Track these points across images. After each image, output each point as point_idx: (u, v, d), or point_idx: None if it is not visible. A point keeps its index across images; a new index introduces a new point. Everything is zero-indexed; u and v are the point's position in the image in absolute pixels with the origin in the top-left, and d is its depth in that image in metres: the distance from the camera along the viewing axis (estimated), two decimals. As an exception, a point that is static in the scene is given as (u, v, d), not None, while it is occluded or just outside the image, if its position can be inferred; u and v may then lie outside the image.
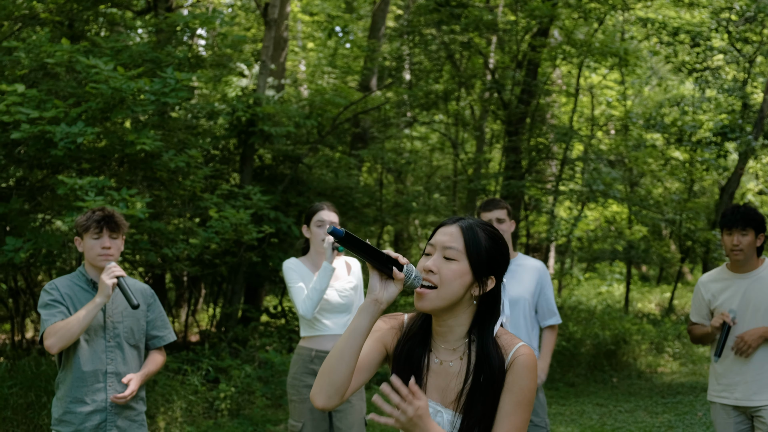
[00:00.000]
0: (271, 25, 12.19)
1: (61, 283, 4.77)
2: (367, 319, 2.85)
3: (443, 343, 3.00)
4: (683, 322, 16.45)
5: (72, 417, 4.67)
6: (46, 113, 7.42)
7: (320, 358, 5.59)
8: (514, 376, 2.90)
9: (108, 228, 4.74)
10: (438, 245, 2.95)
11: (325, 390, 2.86)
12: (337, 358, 2.85)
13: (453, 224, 2.98)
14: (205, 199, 9.76)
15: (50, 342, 4.53)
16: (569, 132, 14.62)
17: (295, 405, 5.61)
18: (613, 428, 9.66)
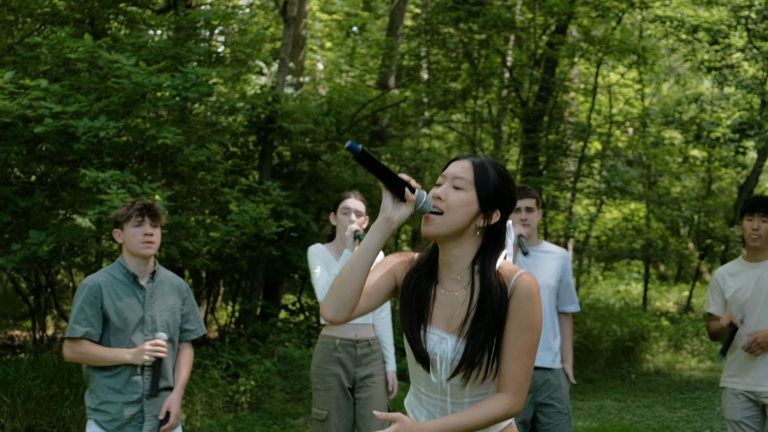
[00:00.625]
0: (290, 23, 12.24)
1: (101, 279, 4.83)
2: (378, 236, 2.97)
3: (449, 273, 3.09)
4: (702, 320, 16.43)
5: (109, 407, 4.76)
6: (69, 108, 7.49)
7: (344, 345, 5.63)
8: (517, 301, 2.99)
9: (149, 216, 4.85)
10: (449, 176, 3.06)
11: (335, 302, 2.97)
12: (347, 272, 2.96)
13: (465, 159, 3.09)
14: (225, 194, 9.82)
15: (69, 354, 4.72)
16: (587, 129, 14.61)
17: (319, 393, 5.63)
18: (631, 423, 9.67)
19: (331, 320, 2.97)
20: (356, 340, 5.66)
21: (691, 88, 20.10)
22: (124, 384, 4.77)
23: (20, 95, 7.67)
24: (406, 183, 2.95)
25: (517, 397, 2.95)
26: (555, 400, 5.68)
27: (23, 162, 8.84)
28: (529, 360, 2.96)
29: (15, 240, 8.27)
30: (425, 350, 3.06)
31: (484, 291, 3.00)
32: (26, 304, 12.38)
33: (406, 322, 3.10)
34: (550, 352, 5.74)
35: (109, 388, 4.76)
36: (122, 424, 4.78)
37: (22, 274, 11.07)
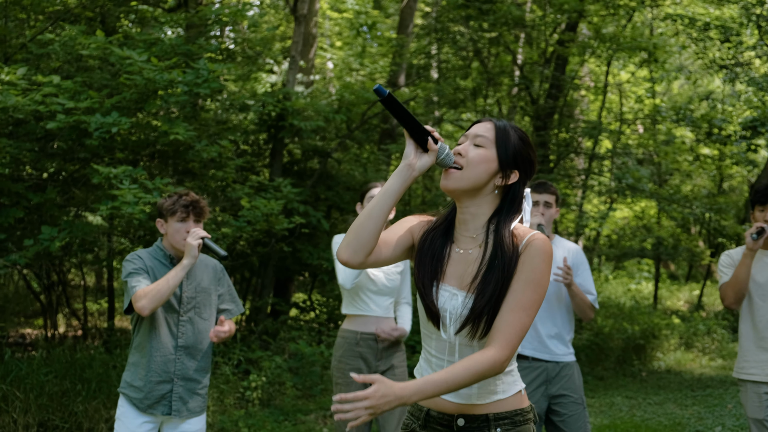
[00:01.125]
0: (300, 21, 12.26)
1: (143, 255, 4.92)
2: (398, 182, 3.01)
3: (465, 231, 3.14)
4: (713, 318, 16.39)
5: (142, 384, 4.84)
6: (81, 104, 7.52)
7: (365, 340, 5.62)
8: (526, 257, 3.00)
9: (194, 213, 4.89)
10: (470, 135, 3.12)
11: (351, 245, 3.02)
12: (366, 215, 3.01)
13: (488, 120, 3.15)
14: (237, 190, 9.84)
15: (142, 304, 4.65)
16: (598, 126, 14.60)
17: (340, 388, 5.61)
18: (642, 419, 9.66)
19: (346, 261, 3.02)
20: (377, 335, 5.65)
21: (703, 86, 20.06)
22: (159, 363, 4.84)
23: (33, 91, 7.70)
24: (430, 133, 3.00)
25: (503, 349, 2.89)
26: (569, 390, 5.64)
27: (35, 159, 8.87)
28: (526, 317, 2.95)
29: (27, 236, 8.30)
30: (436, 306, 3.08)
31: (495, 247, 3.03)
32: (38, 303, 12.41)
33: (419, 279, 3.13)
34: (563, 345, 5.71)
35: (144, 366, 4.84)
36: (152, 403, 4.84)
37: (33, 271, 11.10)
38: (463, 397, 3.10)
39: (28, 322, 13.75)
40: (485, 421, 3.09)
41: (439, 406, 3.14)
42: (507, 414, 3.10)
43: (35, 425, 7.72)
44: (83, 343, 10.26)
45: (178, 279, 4.72)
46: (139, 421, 4.85)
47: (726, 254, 5.70)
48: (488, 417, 3.09)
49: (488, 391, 3.10)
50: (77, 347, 9.08)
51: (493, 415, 3.09)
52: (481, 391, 3.09)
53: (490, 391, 3.10)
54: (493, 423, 3.09)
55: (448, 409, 3.12)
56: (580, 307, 5.71)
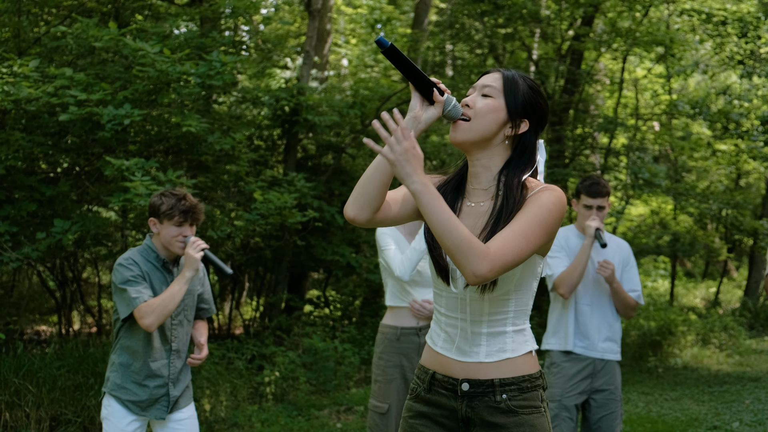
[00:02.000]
0: (314, 16, 12.22)
1: (138, 259, 4.81)
2: None
3: (476, 185, 3.07)
4: (730, 315, 16.28)
5: (136, 388, 4.78)
6: (93, 96, 7.49)
7: (406, 335, 5.46)
8: (533, 197, 2.93)
9: (192, 218, 4.80)
10: (478, 86, 3.06)
11: (358, 201, 2.96)
12: (372, 170, 2.95)
13: (495, 71, 3.09)
14: (250, 183, 9.81)
15: (150, 321, 4.59)
16: (614, 122, 14.51)
17: (380, 386, 5.45)
18: (659, 415, 9.58)
19: (353, 218, 2.96)
20: (419, 328, 5.47)
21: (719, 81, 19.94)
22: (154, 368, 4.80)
23: (45, 84, 7.69)
24: (435, 85, 2.94)
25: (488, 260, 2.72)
26: (611, 385, 5.68)
27: (49, 153, 8.86)
28: (524, 243, 2.80)
29: (40, 229, 8.28)
30: (445, 260, 3.02)
31: (504, 198, 2.96)
32: (53, 299, 12.40)
33: (428, 234, 3.07)
34: (614, 344, 5.73)
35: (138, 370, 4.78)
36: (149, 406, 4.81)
37: (47, 267, 11.10)
38: (470, 355, 3.04)
39: (43, 318, 13.75)
40: (490, 386, 3.01)
41: (444, 368, 3.08)
42: (514, 379, 3.01)
43: (48, 419, 7.71)
44: (97, 339, 10.25)
45: (183, 293, 4.68)
46: (128, 420, 4.80)
47: None
48: (494, 382, 3.01)
49: (497, 348, 3.02)
50: (90, 342, 9.05)
51: (499, 380, 3.00)
52: (490, 348, 3.02)
53: (500, 349, 3.02)
54: (499, 389, 3.00)
55: (454, 371, 3.06)
56: (622, 305, 5.72)
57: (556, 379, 5.68)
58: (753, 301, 17.55)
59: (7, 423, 7.57)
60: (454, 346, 3.08)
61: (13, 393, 7.69)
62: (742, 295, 19.35)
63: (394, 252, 5.45)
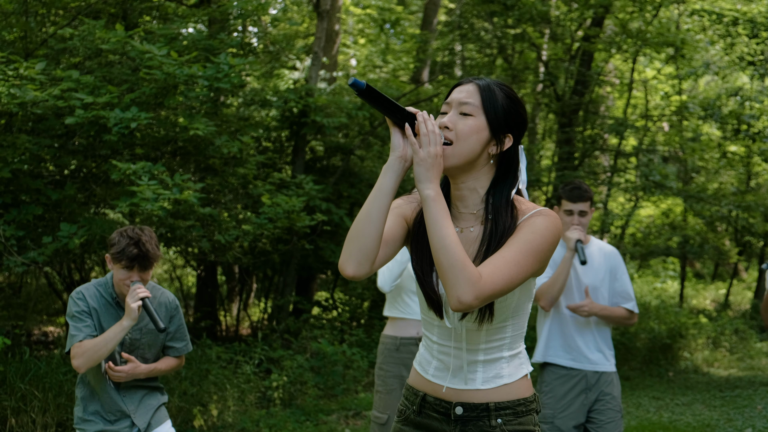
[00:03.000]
0: (323, 16, 12.15)
1: (89, 293, 4.65)
2: (393, 178, 2.77)
3: (463, 209, 2.93)
4: (740, 317, 16.19)
5: (97, 418, 4.65)
6: (100, 99, 7.42)
7: (405, 345, 5.39)
8: (525, 222, 2.82)
9: (140, 266, 4.58)
10: (454, 102, 2.89)
11: (354, 256, 2.77)
12: (364, 220, 2.77)
13: (469, 82, 2.92)
14: (258, 186, 9.74)
15: (78, 362, 4.46)
16: (624, 123, 14.43)
17: (380, 396, 5.41)
18: (670, 420, 9.49)
19: (352, 276, 2.78)
20: (418, 338, 5.38)
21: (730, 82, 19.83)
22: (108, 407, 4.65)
23: (51, 86, 7.62)
24: (415, 116, 2.77)
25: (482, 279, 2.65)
26: (608, 394, 5.45)
27: (56, 156, 8.80)
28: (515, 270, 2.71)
29: (46, 233, 8.23)
30: (437, 293, 2.90)
31: (494, 222, 2.85)
32: (60, 301, 12.36)
33: (417, 266, 2.93)
34: (603, 355, 5.53)
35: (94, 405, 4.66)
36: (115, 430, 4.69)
37: (54, 269, 11.06)
38: (466, 383, 2.94)
39: (51, 320, 13.72)
40: (485, 410, 2.92)
41: (436, 392, 2.98)
42: (509, 403, 2.93)
43: (54, 425, 7.65)
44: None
45: (117, 340, 4.47)
46: None
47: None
48: (489, 406, 2.92)
49: (494, 374, 2.93)
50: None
51: (495, 404, 2.92)
52: (487, 374, 2.93)
53: (496, 375, 2.93)
54: (494, 413, 2.92)
55: (448, 395, 2.96)
56: (618, 323, 5.59)
57: (546, 399, 5.42)
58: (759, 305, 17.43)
59: (13, 429, 7.51)
60: (448, 374, 2.98)
61: (19, 398, 7.63)
62: (752, 296, 19.24)
63: None
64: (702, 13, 14.85)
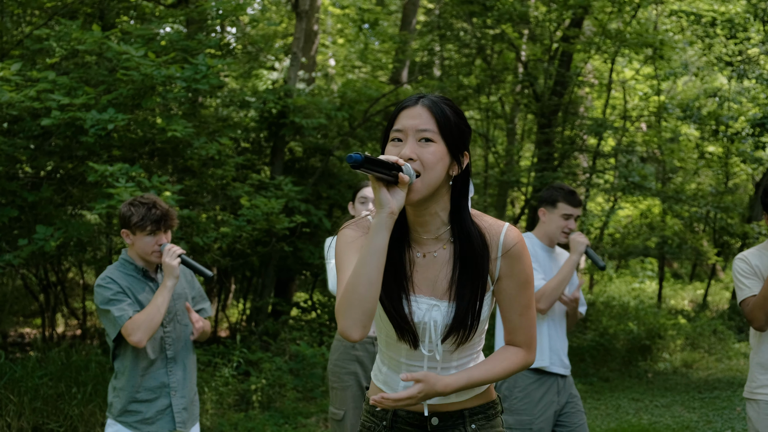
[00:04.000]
0: (301, 17, 12.10)
1: (114, 275, 4.63)
2: (386, 236, 2.66)
3: (425, 234, 2.86)
4: (718, 318, 16.23)
5: (138, 406, 4.63)
6: (77, 100, 7.35)
7: (362, 343, 5.37)
8: (512, 260, 2.84)
9: (165, 226, 4.64)
10: (409, 130, 2.77)
11: (360, 321, 2.66)
12: (365, 285, 2.64)
13: (416, 104, 2.81)
14: (236, 188, 9.68)
15: (138, 337, 4.44)
16: (603, 124, 14.44)
17: (336, 392, 5.41)
18: (650, 423, 9.49)
19: (359, 339, 2.68)
20: (374, 337, 5.35)
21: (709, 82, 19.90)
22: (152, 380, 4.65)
23: (27, 87, 7.54)
24: (398, 166, 2.65)
25: (531, 349, 2.91)
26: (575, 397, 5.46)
27: (32, 157, 8.72)
28: (532, 312, 2.88)
29: (22, 236, 8.14)
30: (412, 322, 2.83)
31: (464, 246, 2.81)
32: (36, 302, 12.27)
33: (385, 298, 2.84)
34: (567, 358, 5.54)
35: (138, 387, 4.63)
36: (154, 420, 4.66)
37: (31, 271, 10.96)
38: (440, 398, 2.90)
39: (27, 321, 13.62)
40: (460, 417, 2.93)
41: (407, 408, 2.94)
42: (480, 408, 2.96)
43: (29, 429, 7.57)
44: (82, 342, 10.11)
45: (167, 301, 4.53)
46: None
47: (741, 259, 4.92)
48: (463, 413, 2.93)
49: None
50: (74, 349, 8.91)
51: (468, 411, 2.94)
52: None
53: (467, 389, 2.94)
54: (468, 419, 2.94)
55: (419, 407, 2.91)
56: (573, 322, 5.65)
57: (522, 404, 5.28)
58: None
59: (-12, 433, 7.43)
60: None
61: (-6, 402, 7.56)
62: (729, 296, 19.30)
63: (332, 266, 5.36)
64: (680, 13, 14.88)
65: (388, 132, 2.84)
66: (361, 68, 19.28)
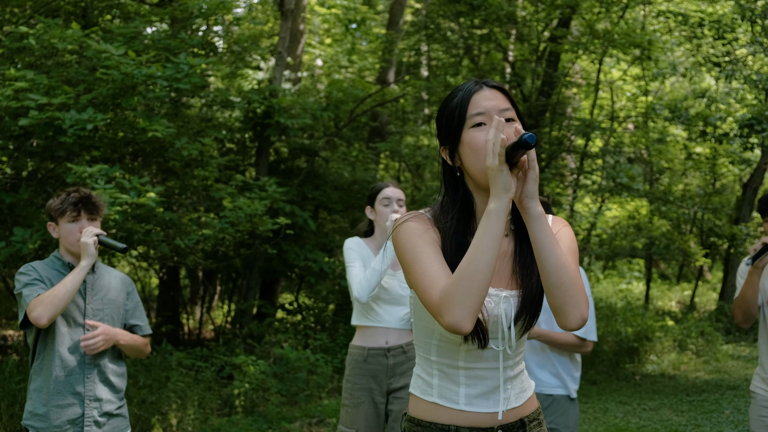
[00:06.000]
0: (287, 16, 11.98)
1: (37, 266, 4.42)
2: (504, 222, 2.52)
3: None
4: (706, 319, 16.18)
5: (45, 411, 4.29)
6: (55, 99, 7.20)
7: (373, 356, 5.13)
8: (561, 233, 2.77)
9: (86, 210, 4.40)
10: (492, 111, 2.65)
11: (475, 312, 2.47)
12: (485, 273, 2.47)
13: (483, 88, 2.71)
14: (219, 189, 9.53)
15: (38, 312, 4.13)
16: (591, 124, 14.36)
17: (347, 410, 5.14)
18: (638, 426, 9.40)
19: (469, 332, 2.49)
20: (387, 348, 5.14)
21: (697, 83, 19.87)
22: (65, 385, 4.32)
23: (5, 87, 7.39)
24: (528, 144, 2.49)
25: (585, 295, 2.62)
26: (559, 425, 5.13)
27: (11, 157, 8.57)
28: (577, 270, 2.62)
29: (0, 237, 8.00)
30: (483, 319, 2.66)
31: (522, 231, 2.72)
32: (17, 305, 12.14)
33: None
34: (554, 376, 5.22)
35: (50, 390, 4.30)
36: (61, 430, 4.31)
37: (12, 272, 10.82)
38: (503, 402, 2.76)
39: (10, 323, 13.47)
40: (521, 426, 2.81)
41: (469, 421, 2.74)
42: (534, 414, 2.85)
43: (7, 435, 7.44)
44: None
45: (77, 282, 4.25)
46: None
47: (745, 262, 5.13)
48: (523, 422, 2.81)
49: (520, 389, 2.82)
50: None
51: (526, 418, 2.82)
52: (515, 390, 2.79)
53: (521, 389, 2.82)
54: (528, 426, 2.82)
55: (482, 421, 2.74)
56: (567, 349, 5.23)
57: None
58: (729, 306, 17.43)
59: (-35, 440, 7.30)
60: (482, 398, 2.77)
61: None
62: (717, 297, 19.27)
63: (358, 270, 5.13)
64: (668, 14, 14.83)
65: (462, 120, 2.69)
66: (348, 68, 19.17)
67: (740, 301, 5.00)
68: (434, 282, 2.54)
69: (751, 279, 4.95)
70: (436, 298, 2.51)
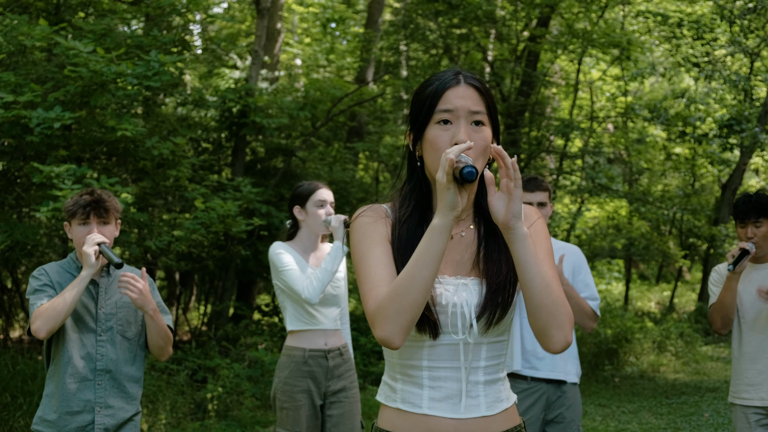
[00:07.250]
0: (263, 14, 11.84)
1: (50, 269, 4.30)
2: (447, 239, 2.41)
3: None
4: (686, 321, 16.13)
5: (55, 417, 4.19)
6: (21, 97, 7.04)
7: (314, 357, 5.04)
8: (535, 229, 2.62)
9: (96, 214, 4.26)
10: (461, 111, 2.54)
11: (407, 328, 2.40)
12: (421, 290, 2.39)
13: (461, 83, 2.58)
14: (193, 190, 9.37)
15: (36, 326, 4.04)
16: (570, 124, 14.28)
17: (287, 413, 5.02)
18: (617, 430, 9.30)
19: (399, 347, 2.42)
20: (327, 350, 5.07)
21: (677, 83, 19.86)
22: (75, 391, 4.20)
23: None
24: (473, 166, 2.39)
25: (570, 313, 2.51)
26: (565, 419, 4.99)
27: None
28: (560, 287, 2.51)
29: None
30: (433, 312, 2.53)
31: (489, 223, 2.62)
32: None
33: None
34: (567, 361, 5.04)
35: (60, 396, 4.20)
36: None
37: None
38: (470, 410, 2.59)
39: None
40: None
41: (432, 427, 2.58)
42: (511, 431, 2.66)
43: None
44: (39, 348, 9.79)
45: (75, 295, 4.10)
46: None
47: (715, 270, 5.19)
48: None
49: (494, 398, 2.62)
50: (21, 356, 8.60)
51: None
52: (488, 398, 2.61)
53: (496, 398, 2.63)
54: None
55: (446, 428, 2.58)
56: (579, 315, 4.98)
57: None
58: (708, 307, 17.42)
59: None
60: (446, 402, 2.61)
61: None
62: (696, 298, 19.26)
63: (297, 273, 5.01)
64: (647, 14, 14.78)
65: (430, 112, 2.58)
66: (326, 68, 19.04)
67: (719, 306, 4.98)
68: (373, 289, 2.48)
69: (729, 284, 4.91)
70: (371, 308, 2.45)
